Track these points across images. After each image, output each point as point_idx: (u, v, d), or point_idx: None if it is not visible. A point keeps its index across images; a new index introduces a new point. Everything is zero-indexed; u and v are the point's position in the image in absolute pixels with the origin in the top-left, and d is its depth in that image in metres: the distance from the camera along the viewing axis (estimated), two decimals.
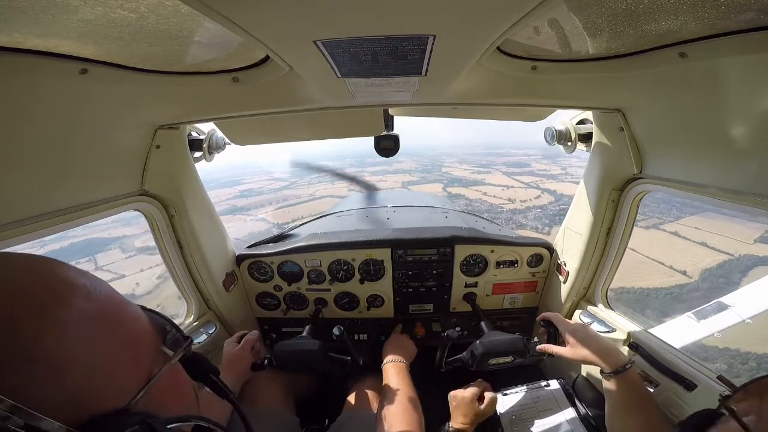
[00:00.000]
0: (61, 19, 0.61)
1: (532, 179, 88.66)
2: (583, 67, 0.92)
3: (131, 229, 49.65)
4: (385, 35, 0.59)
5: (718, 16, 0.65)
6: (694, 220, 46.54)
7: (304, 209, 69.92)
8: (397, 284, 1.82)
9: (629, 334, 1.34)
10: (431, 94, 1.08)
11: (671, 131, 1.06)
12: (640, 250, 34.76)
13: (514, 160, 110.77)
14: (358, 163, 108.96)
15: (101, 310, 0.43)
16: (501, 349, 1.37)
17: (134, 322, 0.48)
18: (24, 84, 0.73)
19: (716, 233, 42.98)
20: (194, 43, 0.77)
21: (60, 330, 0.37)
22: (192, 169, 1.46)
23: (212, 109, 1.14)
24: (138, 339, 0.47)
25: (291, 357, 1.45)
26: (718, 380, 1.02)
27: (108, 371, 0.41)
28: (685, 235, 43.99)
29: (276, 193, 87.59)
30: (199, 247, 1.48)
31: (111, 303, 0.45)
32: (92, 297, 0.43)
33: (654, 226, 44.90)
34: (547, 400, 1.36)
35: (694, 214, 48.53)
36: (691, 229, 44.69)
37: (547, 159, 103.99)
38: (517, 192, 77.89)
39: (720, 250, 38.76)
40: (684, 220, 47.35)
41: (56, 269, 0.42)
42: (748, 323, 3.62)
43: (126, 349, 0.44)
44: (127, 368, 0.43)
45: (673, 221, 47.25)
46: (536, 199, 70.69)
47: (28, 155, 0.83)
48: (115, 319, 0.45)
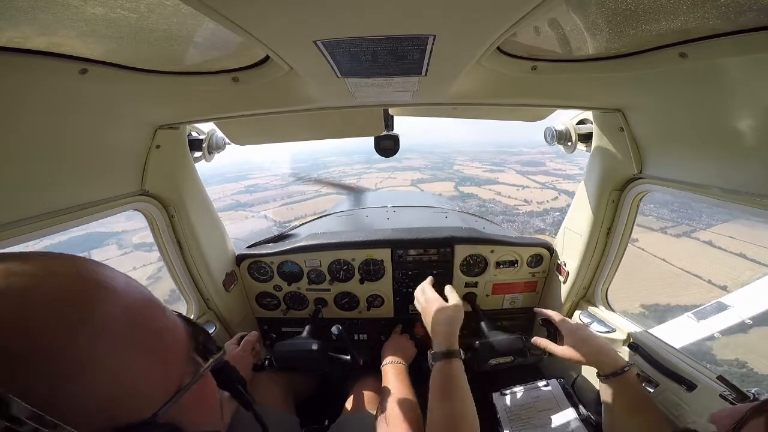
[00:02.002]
0: (61, 19, 0.61)
1: (548, 179, 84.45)
2: (583, 67, 0.92)
3: (132, 224, 48.69)
4: (385, 35, 0.59)
5: (718, 16, 0.64)
6: (728, 228, 42.68)
7: (308, 206, 67.90)
8: (397, 284, 1.82)
9: (629, 334, 1.34)
10: (431, 94, 1.08)
11: (671, 131, 1.06)
12: (675, 262, 32.26)
13: (527, 158, 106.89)
14: (367, 159, 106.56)
15: (136, 314, 0.42)
16: (501, 349, 1.37)
17: (168, 328, 0.46)
18: (24, 84, 0.73)
19: (753, 243, 40.33)
20: (194, 43, 0.77)
21: (92, 336, 0.36)
22: (192, 169, 1.46)
23: (212, 109, 1.14)
24: (170, 346, 0.45)
25: (291, 357, 1.45)
26: (718, 380, 1.02)
27: (138, 379, 0.39)
28: (720, 245, 40.66)
29: (281, 189, 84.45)
30: (199, 246, 1.48)
31: (146, 307, 0.44)
32: (125, 298, 0.41)
33: (685, 234, 41.56)
34: (546, 400, 1.36)
35: (727, 222, 44.41)
36: (726, 238, 40.93)
37: (562, 158, 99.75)
38: (533, 192, 73.59)
39: (760, 262, 35.67)
40: (717, 227, 43.67)
41: (91, 270, 0.41)
42: (748, 323, 3.63)
43: (158, 356, 0.43)
44: (157, 376, 0.42)
45: (705, 229, 43.58)
46: (554, 200, 66.81)
47: (28, 155, 0.83)
48: (149, 325, 0.43)
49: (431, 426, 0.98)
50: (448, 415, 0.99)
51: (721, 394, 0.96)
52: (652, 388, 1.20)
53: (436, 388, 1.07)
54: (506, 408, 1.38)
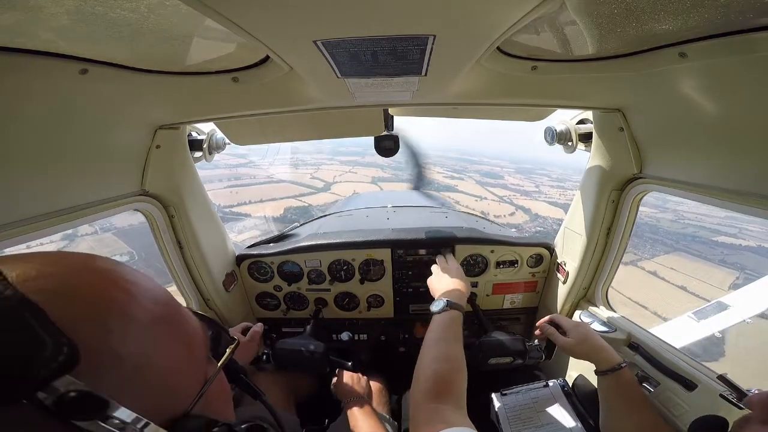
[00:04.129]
0: (61, 19, 0.61)
1: (506, 193, 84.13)
2: (583, 67, 0.92)
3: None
4: (385, 35, 0.59)
5: (718, 16, 0.64)
6: (670, 260, 44.94)
7: (255, 191, 62.88)
8: (398, 284, 1.82)
9: (629, 334, 1.34)
10: (431, 94, 1.08)
11: (671, 131, 1.06)
12: (623, 291, 32.74)
13: (487, 169, 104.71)
14: (332, 150, 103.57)
15: (165, 311, 0.42)
16: (501, 349, 1.37)
17: (189, 323, 0.47)
18: (24, 84, 0.73)
19: (693, 276, 41.87)
20: (194, 43, 0.77)
21: (138, 331, 0.37)
22: (192, 169, 1.46)
23: (212, 109, 1.14)
24: (194, 341, 0.46)
25: (291, 355, 1.45)
26: (719, 380, 1.01)
27: (176, 374, 0.40)
28: (664, 276, 42.12)
29: (230, 170, 79.06)
30: (199, 247, 1.48)
31: (170, 304, 0.44)
32: (156, 298, 0.42)
33: (632, 262, 42.64)
34: (546, 400, 1.36)
35: (668, 253, 47.01)
36: (668, 269, 42.93)
37: (519, 173, 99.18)
38: (490, 205, 73.09)
39: (699, 295, 36.65)
40: (660, 258, 45.56)
41: (120, 270, 0.41)
42: (749, 323, 3.64)
43: (186, 351, 0.44)
44: (188, 371, 0.43)
45: (650, 258, 45.32)
46: (511, 216, 66.06)
47: (28, 155, 0.83)
48: (177, 321, 0.44)
49: (427, 362, 0.99)
50: (446, 357, 1.01)
51: (722, 394, 0.96)
52: (653, 387, 1.20)
53: (437, 330, 1.14)
54: (506, 408, 1.38)
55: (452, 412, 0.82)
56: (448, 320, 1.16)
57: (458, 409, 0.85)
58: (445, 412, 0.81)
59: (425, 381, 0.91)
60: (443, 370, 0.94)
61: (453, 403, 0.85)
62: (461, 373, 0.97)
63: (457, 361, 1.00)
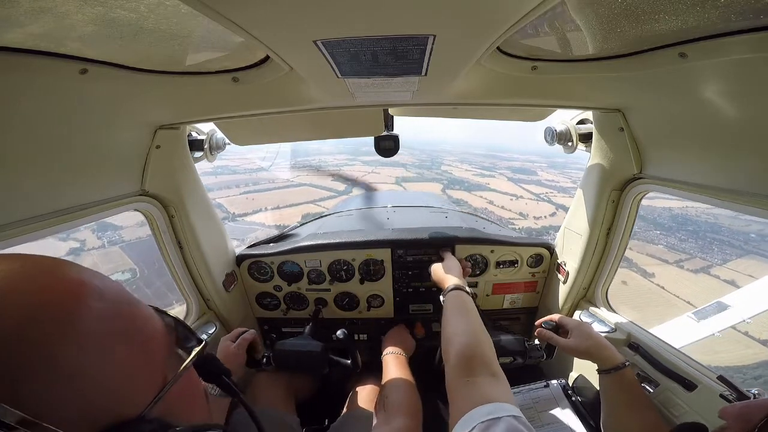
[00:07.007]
0: (62, 19, 0.61)
1: (542, 190, 74.51)
2: (583, 67, 0.92)
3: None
4: (385, 35, 0.59)
5: (718, 16, 0.64)
6: (744, 265, 33.32)
7: (272, 197, 59.19)
8: (398, 284, 1.82)
9: (629, 334, 1.34)
10: (431, 94, 1.08)
11: (671, 131, 1.06)
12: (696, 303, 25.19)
13: (518, 165, 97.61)
14: (352, 151, 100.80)
15: (115, 311, 0.41)
16: (501, 349, 1.37)
17: (147, 323, 0.45)
18: (24, 84, 0.73)
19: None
20: (194, 43, 0.77)
21: (75, 335, 0.35)
22: (192, 169, 1.46)
23: (212, 109, 1.14)
24: (151, 342, 0.45)
25: (291, 356, 1.45)
26: (718, 380, 1.01)
27: (123, 377, 0.39)
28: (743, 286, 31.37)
29: (249, 175, 74.94)
30: (199, 247, 1.48)
31: (124, 303, 0.43)
32: (105, 298, 0.40)
33: (703, 269, 32.34)
34: (546, 401, 1.36)
35: (741, 257, 35.08)
36: (746, 276, 30.46)
37: (552, 168, 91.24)
38: (528, 204, 64.24)
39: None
40: (732, 263, 33.89)
41: (67, 269, 0.40)
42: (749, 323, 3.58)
43: (140, 352, 0.42)
44: (141, 373, 0.41)
45: (721, 264, 33.44)
46: (551, 216, 56.46)
47: (28, 155, 0.83)
48: (129, 321, 0.42)
49: (450, 338, 0.99)
50: (466, 330, 1.01)
51: (722, 394, 0.96)
52: (653, 387, 1.20)
53: (452, 307, 1.15)
54: None
55: (488, 382, 0.80)
56: (460, 298, 1.18)
57: (492, 376, 0.83)
58: (480, 384, 0.79)
59: (454, 357, 0.90)
60: (469, 343, 0.94)
61: (485, 371, 0.84)
62: (486, 341, 0.97)
63: (478, 330, 1.01)
